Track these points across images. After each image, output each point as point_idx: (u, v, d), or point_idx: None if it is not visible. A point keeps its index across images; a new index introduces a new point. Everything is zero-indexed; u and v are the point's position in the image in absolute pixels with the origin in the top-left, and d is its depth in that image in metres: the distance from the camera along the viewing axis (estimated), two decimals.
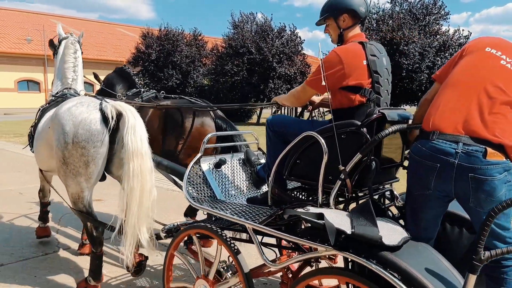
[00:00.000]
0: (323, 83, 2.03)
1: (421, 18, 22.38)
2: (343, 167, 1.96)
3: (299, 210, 1.92)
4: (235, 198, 2.80)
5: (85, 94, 3.41)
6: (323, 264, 2.97)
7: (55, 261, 3.78)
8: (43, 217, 4.13)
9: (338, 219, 1.79)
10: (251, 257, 2.34)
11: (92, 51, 32.73)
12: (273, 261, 2.55)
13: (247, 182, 2.99)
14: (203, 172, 2.74)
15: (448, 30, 22.69)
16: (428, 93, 2.11)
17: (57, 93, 3.49)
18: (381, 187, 2.41)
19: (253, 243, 2.20)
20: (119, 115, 2.76)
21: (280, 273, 2.91)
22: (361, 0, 2.27)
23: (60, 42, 3.77)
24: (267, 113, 32.88)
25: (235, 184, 2.91)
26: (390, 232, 1.75)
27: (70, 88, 3.49)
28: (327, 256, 2.33)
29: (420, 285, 1.54)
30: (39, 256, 3.88)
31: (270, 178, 2.32)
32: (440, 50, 21.20)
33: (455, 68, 1.94)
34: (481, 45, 1.92)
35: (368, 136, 1.95)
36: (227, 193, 2.80)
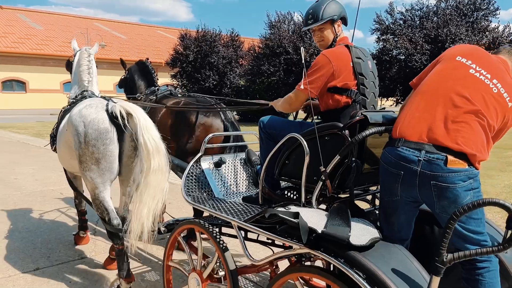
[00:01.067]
0: (304, 86, 2.22)
1: (469, 14, 21.28)
2: (324, 168, 2.02)
3: (279, 209, 1.97)
4: (233, 196, 2.89)
5: (102, 96, 3.49)
6: (317, 263, 2.83)
7: (90, 265, 3.75)
8: (82, 225, 4.14)
9: (315, 218, 1.83)
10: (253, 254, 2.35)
11: (133, 53, 33.63)
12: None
13: (247, 182, 3.08)
14: (202, 170, 2.85)
15: (498, 27, 21.42)
16: (405, 100, 2.10)
17: (76, 96, 3.62)
18: (371, 188, 2.47)
19: (256, 241, 2.31)
20: (128, 115, 2.89)
21: (269, 271, 2.90)
22: (344, 10, 2.46)
23: (75, 55, 3.95)
24: (302, 114, 32.44)
25: (235, 183, 3.00)
26: (362, 233, 1.79)
27: (87, 91, 3.60)
28: (306, 254, 2.30)
29: (383, 284, 1.56)
30: (76, 260, 3.85)
31: (260, 178, 2.42)
32: (489, 47, 20.03)
33: (427, 76, 1.97)
34: (453, 54, 1.95)
35: (349, 138, 2.01)
36: (226, 191, 2.89)
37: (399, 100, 23.58)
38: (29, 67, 30.56)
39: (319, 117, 2.57)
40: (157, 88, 4.54)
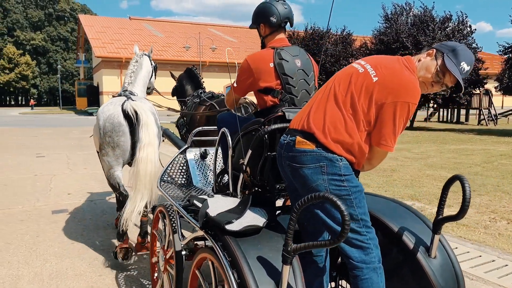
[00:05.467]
0: (232, 87, 2.47)
1: None
2: (242, 161, 2.18)
3: (200, 197, 2.22)
4: (209, 185, 3.04)
5: (126, 96, 3.87)
6: None
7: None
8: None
9: (222, 206, 2.01)
10: None
11: (243, 55, 34.05)
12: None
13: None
14: (186, 160, 3.08)
15: None
16: None
17: (118, 94, 3.99)
18: None
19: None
20: (136, 113, 3.42)
21: None
22: (275, 11, 2.42)
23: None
24: (421, 115, 29.19)
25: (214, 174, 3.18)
26: (247, 221, 1.85)
27: (126, 90, 3.96)
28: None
29: (239, 269, 1.62)
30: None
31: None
32: None
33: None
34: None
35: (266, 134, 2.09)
36: (205, 181, 3.08)
37: None
38: None
39: None
40: (200, 91, 5.13)
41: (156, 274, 2.93)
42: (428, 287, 1.85)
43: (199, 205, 2.02)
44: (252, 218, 1.89)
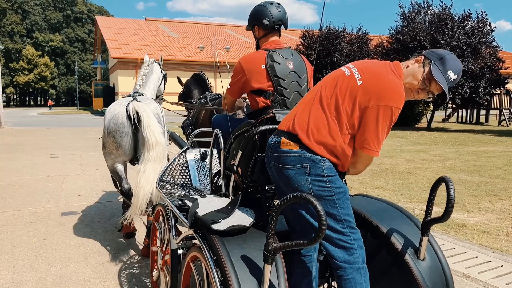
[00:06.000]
0: (226, 90, 2.51)
1: None
2: (233, 162, 2.21)
3: (192, 196, 2.33)
4: (207, 186, 3.05)
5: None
6: None
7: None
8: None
9: (212, 206, 2.06)
10: None
11: None
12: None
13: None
14: (186, 161, 3.10)
15: None
16: None
17: (128, 95, 4.09)
18: None
19: None
20: (137, 114, 3.51)
21: None
22: (268, 14, 2.44)
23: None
24: (439, 116, 28.52)
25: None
26: (234, 221, 1.88)
27: (136, 92, 4.10)
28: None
29: (223, 267, 1.64)
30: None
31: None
32: None
33: None
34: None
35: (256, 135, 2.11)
36: (204, 182, 3.09)
37: None
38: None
39: None
40: (207, 93, 5.24)
41: (155, 271, 2.93)
42: None
43: (190, 204, 2.08)
44: (239, 218, 1.94)
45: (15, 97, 70.07)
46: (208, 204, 2.07)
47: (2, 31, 62.24)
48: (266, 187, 2.18)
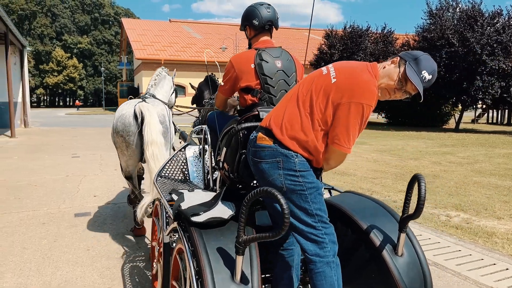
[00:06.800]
0: (219, 88, 2.59)
1: None
2: (219, 158, 2.30)
3: (179, 190, 2.37)
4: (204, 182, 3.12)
5: (143, 98, 4.15)
6: None
7: None
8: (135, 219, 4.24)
9: (198, 200, 2.12)
10: None
11: None
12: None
13: None
14: (185, 157, 3.14)
15: None
16: None
17: (139, 96, 4.29)
18: None
19: None
20: (141, 114, 3.63)
21: None
22: (257, 14, 2.52)
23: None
24: (468, 116, 27.51)
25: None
26: (214, 213, 1.94)
27: (148, 93, 4.28)
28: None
29: (198, 259, 1.71)
30: None
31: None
32: None
33: None
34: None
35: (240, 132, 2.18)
36: (201, 176, 3.07)
37: None
38: (189, 73, 33.38)
39: None
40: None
41: (154, 265, 2.95)
42: (393, 285, 1.89)
43: (176, 198, 2.17)
44: (219, 211, 1.98)
45: (45, 97, 72.28)
46: (194, 198, 2.13)
47: (32, 34, 64.39)
48: (251, 183, 2.25)
